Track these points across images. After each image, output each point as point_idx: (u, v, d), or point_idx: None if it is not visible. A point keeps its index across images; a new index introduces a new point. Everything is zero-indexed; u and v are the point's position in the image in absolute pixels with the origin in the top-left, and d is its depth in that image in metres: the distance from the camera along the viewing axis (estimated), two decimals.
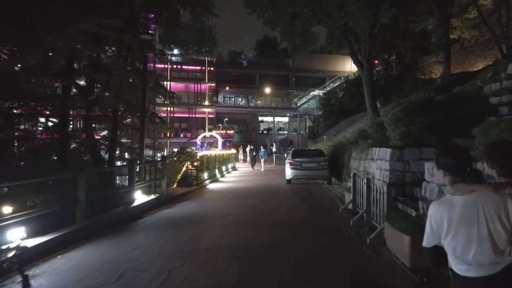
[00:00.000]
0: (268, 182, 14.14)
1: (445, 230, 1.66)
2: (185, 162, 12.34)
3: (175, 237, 5.80)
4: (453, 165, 1.71)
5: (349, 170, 11.94)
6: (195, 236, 5.83)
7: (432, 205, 1.78)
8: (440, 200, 1.78)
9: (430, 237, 1.74)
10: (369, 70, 17.25)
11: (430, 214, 1.74)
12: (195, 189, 11.58)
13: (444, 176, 1.75)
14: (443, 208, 1.68)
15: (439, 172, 1.79)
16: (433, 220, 1.71)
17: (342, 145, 13.11)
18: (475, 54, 35.28)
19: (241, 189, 11.76)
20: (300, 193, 11.15)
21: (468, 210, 1.62)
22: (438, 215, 1.69)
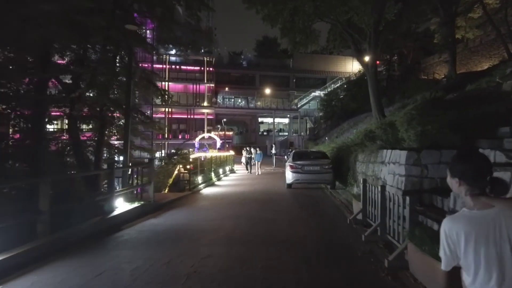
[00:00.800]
0: (267, 186, 13.10)
1: (462, 250, 1.43)
2: (177, 165, 11.30)
3: (152, 258, 4.75)
4: (471, 172, 1.48)
5: (355, 174, 10.91)
6: (176, 258, 4.79)
7: (446, 220, 1.53)
8: (456, 215, 1.53)
9: (450, 258, 1.49)
10: (374, 68, 16.22)
11: (445, 230, 1.49)
12: (187, 195, 10.54)
13: (460, 185, 1.51)
14: (459, 224, 1.45)
15: (453, 180, 1.54)
16: (449, 238, 1.47)
17: (346, 147, 12.09)
18: (479, 54, 34.43)
19: (237, 195, 10.72)
20: (302, 199, 10.11)
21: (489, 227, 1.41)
22: (453, 231, 1.45)
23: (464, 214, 1.48)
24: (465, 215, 1.47)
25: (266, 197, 10.31)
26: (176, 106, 40.83)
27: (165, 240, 5.74)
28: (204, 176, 13.24)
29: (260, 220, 7.08)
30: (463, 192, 1.50)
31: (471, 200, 1.47)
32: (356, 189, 10.67)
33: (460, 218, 1.48)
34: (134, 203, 7.98)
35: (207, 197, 10.38)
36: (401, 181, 6.84)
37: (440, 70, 38.54)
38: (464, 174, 1.48)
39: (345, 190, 11.67)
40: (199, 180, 12.34)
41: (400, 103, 22.37)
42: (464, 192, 1.50)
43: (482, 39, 33.74)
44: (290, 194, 10.95)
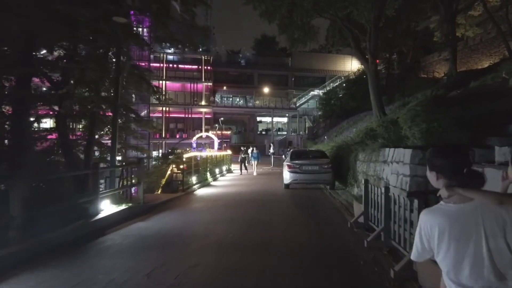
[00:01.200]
0: (265, 186, 12.63)
1: (436, 244, 1.40)
2: (170, 165, 10.82)
3: (133, 268, 4.28)
4: (448, 166, 1.47)
5: (355, 174, 10.45)
6: (160, 267, 4.32)
7: (422, 213, 1.49)
8: (432, 207, 1.50)
9: (420, 250, 1.46)
10: (374, 65, 15.76)
11: (420, 223, 1.47)
12: (180, 196, 10.06)
13: (438, 179, 1.51)
14: (434, 217, 1.42)
15: (431, 174, 1.54)
16: (423, 231, 1.44)
17: (346, 146, 11.62)
18: (480, 52, 34.10)
19: (233, 196, 10.25)
20: (300, 200, 9.65)
21: (464, 222, 1.38)
22: (428, 224, 1.42)
23: (440, 207, 1.46)
24: (441, 208, 1.45)
25: (263, 198, 9.84)
26: (174, 105, 40.34)
27: (151, 246, 5.26)
28: (199, 176, 12.76)
29: (255, 223, 6.61)
30: (441, 185, 1.49)
31: (447, 192, 1.45)
32: (356, 189, 10.22)
33: (436, 211, 1.45)
34: (122, 205, 7.51)
35: (201, 199, 9.90)
36: (405, 182, 6.38)
37: (440, 69, 38.20)
38: (441, 167, 1.48)
39: (345, 190, 11.21)
40: (194, 180, 11.85)
41: (400, 101, 21.94)
42: (442, 185, 1.48)
43: (482, 37, 33.43)
44: (287, 195, 10.49)
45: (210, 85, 41.62)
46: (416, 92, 24.11)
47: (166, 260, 4.61)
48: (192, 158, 11.84)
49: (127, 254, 4.93)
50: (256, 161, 18.09)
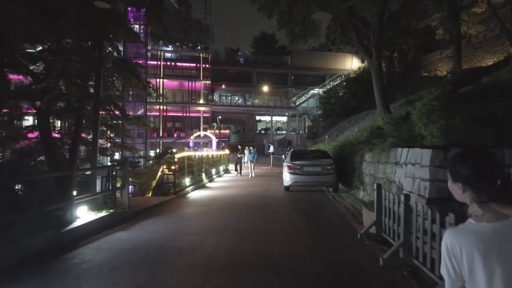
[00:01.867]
0: (263, 188, 11.77)
1: (466, 271, 1.15)
2: (161, 166, 9.96)
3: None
4: (477, 176, 1.19)
5: (361, 176, 9.60)
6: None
7: (448, 233, 1.24)
8: (460, 227, 1.22)
9: (454, 277, 1.18)
10: (379, 60, 14.89)
11: (446, 245, 1.20)
12: (170, 200, 9.20)
13: (464, 192, 1.21)
14: (463, 239, 1.17)
15: (455, 186, 1.24)
16: (452, 255, 1.18)
17: (351, 145, 10.75)
18: (483, 50, 33.38)
19: (228, 200, 9.39)
20: (301, 205, 8.79)
21: (503, 245, 1.11)
22: (456, 248, 1.17)
23: (471, 226, 1.20)
24: (472, 228, 1.19)
25: (261, 202, 8.98)
26: (171, 103, 39.48)
27: (127, 264, 4.41)
28: (193, 178, 11.89)
29: (250, 233, 5.74)
30: (468, 199, 1.22)
31: (479, 208, 1.19)
32: (362, 192, 9.38)
33: (465, 231, 1.20)
34: (102, 212, 6.64)
35: (193, 203, 9.03)
36: (424, 187, 5.53)
37: (442, 67, 37.51)
38: (469, 177, 1.20)
39: (350, 193, 10.36)
40: (187, 182, 10.99)
41: (404, 99, 21.10)
42: (469, 200, 1.22)
43: (485, 35, 32.75)
44: (287, 199, 9.63)
45: (208, 84, 40.73)
46: (419, 90, 23.35)
47: (140, 283, 3.76)
48: (185, 158, 10.97)
49: (96, 274, 4.07)
50: (252, 162, 16.36)
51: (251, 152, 16.81)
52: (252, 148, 17.35)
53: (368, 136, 10.40)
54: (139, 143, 36.60)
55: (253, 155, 16.63)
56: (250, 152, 16.84)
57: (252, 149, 17.12)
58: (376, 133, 10.39)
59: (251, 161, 16.37)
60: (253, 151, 16.96)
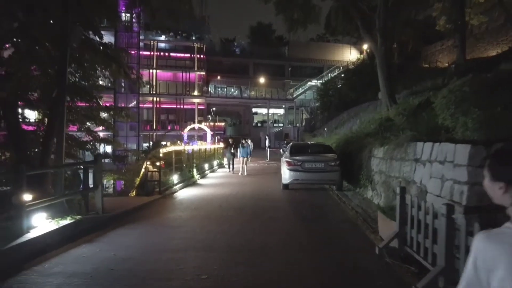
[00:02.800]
0: (259, 186, 10.65)
1: (497, 280, 0.99)
2: (144, 162, 8.77)
3: None
4: None
5: (369, 173, 8.49)
6: None
7: (479, 237, 1.10)
8: (495, 231, 1.07)
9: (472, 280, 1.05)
10: (385, 45, 13.71)
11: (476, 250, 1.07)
12: (154, 201, 8.04)
13: (505, 192, 1.07)
14: (499, 245, 1.01)
15: (495, 185, 1.10)
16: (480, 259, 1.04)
17: (358, 139, 9.60)
18: (486, 41, 32.29)
19: (219, 201, 8.25)
20: (303, 208, 7.68)
21: None
22: (488, 253, 1.02)
23: (508, 232, 1.04)
24: (510, 234, 1.03)
25: (256, 204, 7.84)
26: (165, 95, 38.10)
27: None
28: (183, 174, 10.74)
29: (243, 251, 4.58)
30: (509, 201, 1.08)
31: None
32: (371, 192, 8.28)
33: (503, 237, 1.03)
34: (66, 219, 5.47)
35: (179, 205, 7.87)
36: (459, 191, 4.41)
37: (443, 59, 36.47)
38: None
39: (355, 192, 9.27)
40: (175, 179, 9.84)
41: (407, 91, 19.95)
42: (510, 201, 1.07)
43: (488, 26, 31.65)
44: (286, 199, 8.51)
45: (203, 75, 39.32)
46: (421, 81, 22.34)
47: None
48: (173, 152, 9.80)
49: None
50: (246, 157, 13.94)
51: (244, 146, 14.23)
52: (245, 141, 14.68)
53: (377, 129, 9.28)
54: (131, 136, 35.45)
55: (247, 149, 14.16)
56: (243, 146, 14.23)
57: (246, 142, 14.51)
58: (385, 125, 9.27)
59: (244, 157, 13.90)
60: (247, 144, 14.44)
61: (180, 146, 10.96)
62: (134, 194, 9.04)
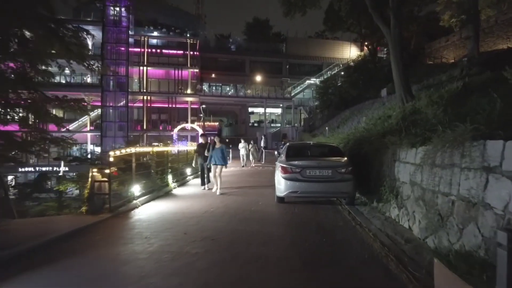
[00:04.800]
0: (248, 198, 8.28)
1: None
2: (91, 170, 6.39)
3: None
4: None
5: (393, 183, 6.16)
6: None
7: None
8: None
9: None
10: (399, 28, 11.39)
11: None
12: (97, 223, 5.67)
13: None
14: None
15: None
16: None
17: (376, 137, 7.22)
18: (495, 35, 30.16)
19: (189, 222, 5.88)
20: (303, 234, 5.30)
21: None
22: None
23: None
24: None
25: (238, 228, 5.47)
26: (156, 93, 35.75)
27: None
28: (151, 183, 8.38)
29: None
30: None
31: None
32: (397, 210, 5.92)
33: None
34: None
35: (129, 231, 5.48)
36: None
37: (448, 54, 34.41)
38: None
39: (372, 207, 6.93)
40: (137, 190, 7.47)
41: (418, 85, 17.63)
42: None
43: (497, 19, 29.61)
44: (281, 220, 6.13)
45: (196, 72, 36.96)
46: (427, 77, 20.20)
47: None
48: (133, 156, 7.43)
49: None
50: (221, 165, 9.04)
51: (215, 148, 9.10)
52: (218, 141, 9.26)
53: (399, 125, 6.94)
54: (120, 136, 33.02)
55: (220, 154, 9.00)
56: (214, 147, 9.11)
57: (218, 142, 9.19)
58: (410, 120, 6.94)
59: (217, 165, 8.98)
60: (220, 146, 9.14)
61: (148, 148, 8.57)
62: (84, 211, 6.65)
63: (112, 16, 32.41)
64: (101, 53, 31.87)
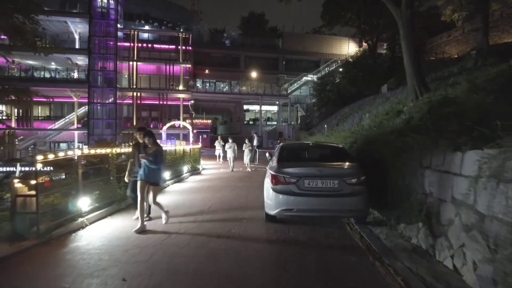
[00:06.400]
0: (231, 214, 6.54)
1: None
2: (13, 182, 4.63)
3: None
4: None
5: (423, 200, 4.44)
6: None
7: None
8: None
9: None
10: (411, 10, 9.66)
11: None
12: (6, 260, 3.92)
13: None
14: None
15: None
16: None
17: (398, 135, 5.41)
18: (500, 29, 28.69)
19: (143, 257, 4.14)
20: (299, 277, 3.58)
21: None
22: None
23: None
24: None
25: (208, 270, 3.72)
26: (147, 89, 33.88)
27: None
28: (110, 192, 6.61)
29: None
30: None
31: None
32: (432, 240, 4.19)
33: None
34: None
35: (53, 271, 3.73)
36: None
37: (450, 50, 32.94)
38: None
39: (390, 227, 5.22)
40: (87, 204, 5.71)
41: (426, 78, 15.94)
42: None
43: (503, 12, 28.20)
44: (269, 255, 4.33)
45: (189, 68, 35.10)
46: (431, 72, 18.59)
47: None
48: (78, 159, 5.64)
49: None
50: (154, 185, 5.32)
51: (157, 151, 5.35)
52: (151, 143, 5.31)
53: (425, 119, 5.21)
54: (108, 135, 31.12)
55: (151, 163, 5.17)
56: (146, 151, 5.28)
57: (151, 144, 5.31)
58: (440, 113, 5.23)
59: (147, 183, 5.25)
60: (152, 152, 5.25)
61: (104, 149, 6.76)
62: None
63: (99, 8, 30.43)
64: (88, 47, 30.00)
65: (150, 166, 5.17)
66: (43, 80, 30.28)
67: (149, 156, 5.17)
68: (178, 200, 7.78)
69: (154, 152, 5.25)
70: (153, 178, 5.26)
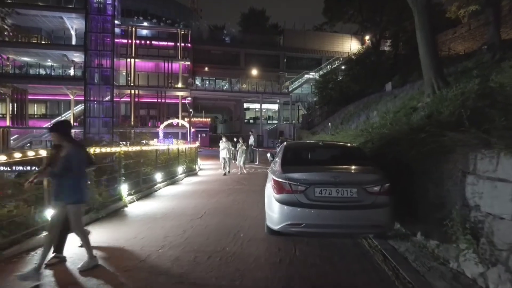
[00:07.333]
0: (225, 222, 5.61)
1: None
2: None
3: None
4: None
5: (466, 214, 3.48)
6: None
7: None
8: None
9: None
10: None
11: None
12: None
13: None
14: None
15: None
16: None
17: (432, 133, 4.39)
18: (509, 25, 27.65)
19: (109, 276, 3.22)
20: None
21: None
22: None
23: None
24: None
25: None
26: (145, 87, 32.94)
27: None
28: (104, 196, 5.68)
29: None
30: None
31: None
32: (482, 267, 3.23)
33: None
34: None
35: None
36: None
37: (456, 47, 31.88)
38: None
39: (417, 243, 4.28)
40: (46, 216, 4.76)
41: None
42: None
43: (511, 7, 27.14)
44: (271, 285, 3.43)
45: (188, 65, 34.14)
46: None
47: None
48: (45, 159, 4.72)
49: None
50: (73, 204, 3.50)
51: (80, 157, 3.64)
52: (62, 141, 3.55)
53: (461, 114, 4.26)
54: (104, 134, 30.21)
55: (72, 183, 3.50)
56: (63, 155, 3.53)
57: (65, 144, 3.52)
58: (476, 107, 4.29)
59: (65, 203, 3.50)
60: (63, 156, 3.48)
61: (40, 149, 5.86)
62: None
63: (96, 3, 29.49)
64: (84, 43, 29.07)
65: (60, 179, 3.48)
66: (38, 77, 29.37)
67: (59, 163, 3.45)
68: (167, 207, 6.83)
69: (64, 157, 3.47)
70: (68, 195, 3.48)
